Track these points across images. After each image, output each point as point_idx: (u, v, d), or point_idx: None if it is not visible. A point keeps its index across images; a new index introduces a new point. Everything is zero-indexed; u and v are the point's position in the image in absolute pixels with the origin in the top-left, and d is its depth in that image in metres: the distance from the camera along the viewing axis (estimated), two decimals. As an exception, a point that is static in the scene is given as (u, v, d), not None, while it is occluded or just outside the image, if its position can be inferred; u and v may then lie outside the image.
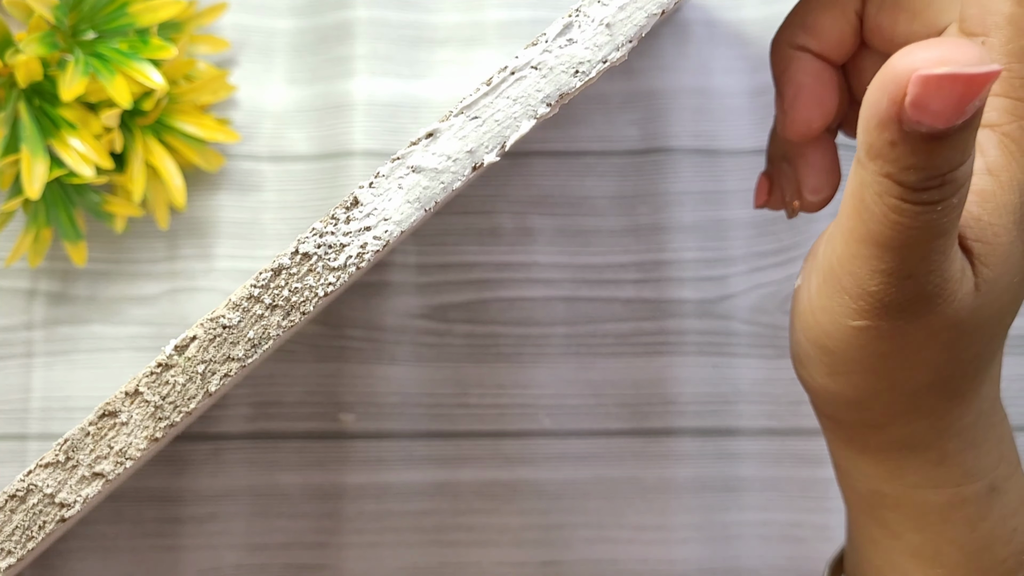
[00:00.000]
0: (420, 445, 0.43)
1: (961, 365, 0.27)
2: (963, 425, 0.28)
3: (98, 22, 0.38)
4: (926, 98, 0.22)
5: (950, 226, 0.24)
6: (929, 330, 0.26)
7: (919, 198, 0.24)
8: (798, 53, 0.31)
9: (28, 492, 0.26)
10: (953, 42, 0.22)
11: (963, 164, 0.23)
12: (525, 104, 0.27)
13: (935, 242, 0.24)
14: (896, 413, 0.28)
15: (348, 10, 0.43)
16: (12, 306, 0.42)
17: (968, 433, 0.28)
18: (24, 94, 0.38)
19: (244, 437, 0.42)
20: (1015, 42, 0.25)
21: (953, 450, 0.28)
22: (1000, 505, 0.29)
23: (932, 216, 0.24)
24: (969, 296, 0.26)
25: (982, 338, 0.27)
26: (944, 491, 0.29)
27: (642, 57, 0.44)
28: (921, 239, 0.24)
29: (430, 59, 0.44)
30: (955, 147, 0.23)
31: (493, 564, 0.42)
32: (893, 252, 0.25)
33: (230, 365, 0.26)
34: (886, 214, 0.24)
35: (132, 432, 0.26)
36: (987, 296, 0.26)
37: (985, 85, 0.22)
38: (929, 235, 0.24)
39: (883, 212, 0.24)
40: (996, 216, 0.26)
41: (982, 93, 0.22)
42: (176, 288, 0.42)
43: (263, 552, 0.42)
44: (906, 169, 0.23)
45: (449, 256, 0.43)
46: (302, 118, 0.43)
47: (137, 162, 0.39)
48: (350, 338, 0.43)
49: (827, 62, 0.32)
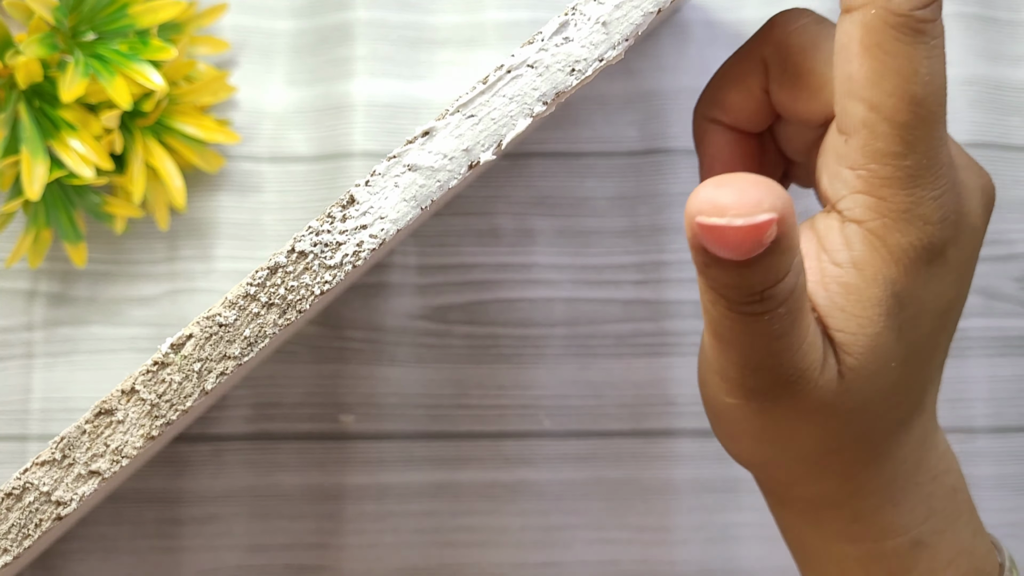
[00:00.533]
0: (420, 446, 0.43)
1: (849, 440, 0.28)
2: (876, 485, 0.29)
3: (98, 23, 0.39)
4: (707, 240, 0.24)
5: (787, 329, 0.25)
6: (796, 411, 0.27)
7: (743, 310, 0.25)
8: (712, 125, 0.32)
9: (24, 490, 0.26)
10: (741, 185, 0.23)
11: (780, 282, 0.25)
12: (521, 102, 0.27)
13: (775, 342, 0.26)
14: (798, 475, 0.29)
15: (348, 11, 0.43)
16: (12, 307, 0.42)
17: (885, 491, 0.29)
18: (24, 95, 0.38)
19: (244, 438, 0.42)
20: (871, 145, 0.27)
21: (868, 508, 0.29)
22: (927, 558, 0.29)
23: (761, 324, 0.25)
24: (832, 382, 0.27)
25: (866, 417, 0.28)
26: (862, 545, 0.30)
27: (642, 58, 0.44)
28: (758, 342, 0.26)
29: (430, 60, 0.44)
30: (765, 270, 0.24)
31: (493, 565, 0.42)
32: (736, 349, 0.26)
33: (226, 363, 0.26)
34: (720, 320, 0.26)
35: (128, 430, 0.26)
36: (854, 382, 0.27)
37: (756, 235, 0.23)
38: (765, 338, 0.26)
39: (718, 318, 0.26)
40: (859, 308, 0.27)
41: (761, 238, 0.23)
42: (176, 289, 0.42)
43: (263, 553, 0.42)
44: (724, 287, 0.25)
45: (449, 257, 0.43)
46: (302, 119, 0.43)
47: (137, 163, 0.39)
48: (350, 339, 0.43)
49: (744, 132, 0.32)
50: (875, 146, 0.27)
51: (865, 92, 0.27)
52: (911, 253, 0.27)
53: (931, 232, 0.27)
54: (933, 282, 0.28)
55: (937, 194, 0.27)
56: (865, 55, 0.26)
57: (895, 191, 0.27)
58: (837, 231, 0.28)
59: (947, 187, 0.27)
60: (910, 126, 0.26)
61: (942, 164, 0.27)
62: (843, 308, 0.27)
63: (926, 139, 0.26)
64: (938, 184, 0.27)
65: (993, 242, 0.44)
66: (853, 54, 0.27)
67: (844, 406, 0.27)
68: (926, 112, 0.26)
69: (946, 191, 0.27)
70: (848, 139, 0.27)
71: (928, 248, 0.27)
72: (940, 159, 0.27)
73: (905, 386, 0.28)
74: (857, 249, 0.27)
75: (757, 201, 0.23)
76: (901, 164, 0.26)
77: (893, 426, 0.29)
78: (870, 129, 0.27)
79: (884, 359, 0.27)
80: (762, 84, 0.31)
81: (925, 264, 0.27)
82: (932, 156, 0.27)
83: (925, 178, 0.27)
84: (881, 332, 0.27)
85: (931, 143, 0.27)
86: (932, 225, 0.27)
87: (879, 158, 0.27)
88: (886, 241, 0.27)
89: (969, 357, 0.43)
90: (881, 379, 0.28)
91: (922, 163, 0.27)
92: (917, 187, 0.27)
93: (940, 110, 0.27)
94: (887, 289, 0.27)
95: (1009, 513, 0.43)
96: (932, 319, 0.28)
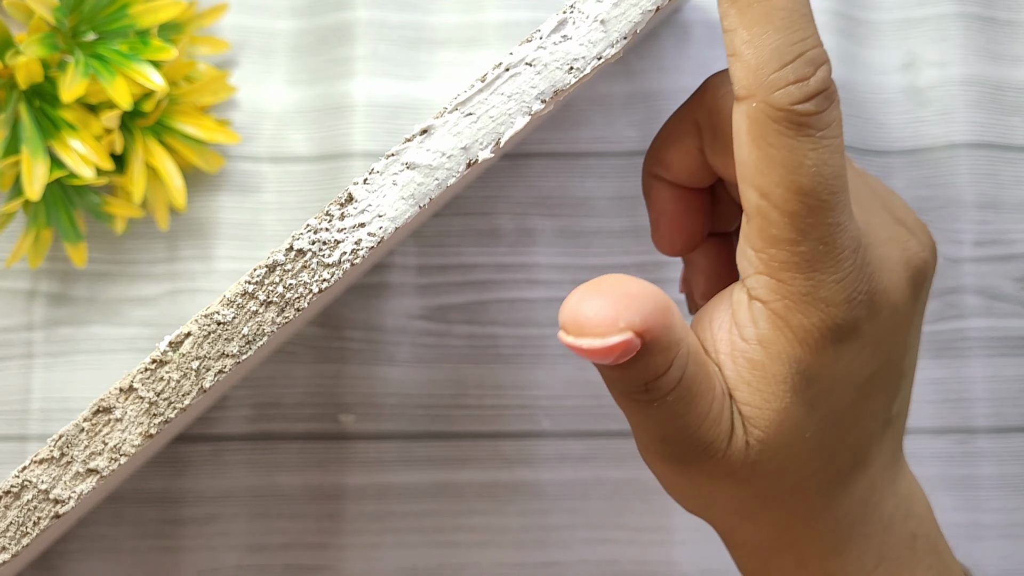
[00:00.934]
0: (420, 446, 0.43)
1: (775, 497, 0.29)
2: (818, 535, 0.29)
3: (98, 23, 0.39)
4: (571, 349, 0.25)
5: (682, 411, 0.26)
6: (709, 475, 0.28)
7: (631, 399, 0.26)
8: (657, 182, 0.32)
9: (23, 488, 0.26)
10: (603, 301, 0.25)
11: (663, 375, 0.26)
12: (520, 100, 0.27)
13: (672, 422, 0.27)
14: (732, 525, 0.30)
15: (348, 11, 0.43)
16: (12, 307, 0.42)
17: (828, 540, 0.29)
18: (24, 95, 0.38)
19: (244, 438, 0.42)
20: (765, 230, 0.27)
21: (812, 554, 0.29)
22: None
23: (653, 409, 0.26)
24: (741, 452, 0.27)
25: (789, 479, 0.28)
26: None
27: (642, 58, 0.44)
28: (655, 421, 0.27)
29: (430, 60, 0.44)
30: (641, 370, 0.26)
31: (493, 565, 0.42)
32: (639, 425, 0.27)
33: (225, 361, 0.26)
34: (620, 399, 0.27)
35: (127, 428, 0.26)
36: (763, 453, 0.27)
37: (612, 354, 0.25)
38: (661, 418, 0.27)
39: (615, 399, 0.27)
40: (765, 384, 0.27)
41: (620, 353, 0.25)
42: (176, 289, 0.42)
43: (263, 553, 0.42)
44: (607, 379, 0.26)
45: (449, 257, 0.43)
46: (302, 119, 0.43)
47: (137, 163, 0.39)
48: (350, 339, 0.43)
49: (688, 188, 0.32)
50: (770, 232, 0.26)
51: (755, 180, 0.26)
52: (815, 334, 0.27)
53: (835, 314, 0.27)
54: (845, 359, 0.27)
55: (839, 277, 0.27)
56: (752, 145, 0.26)
57: (793, 275, 0.26)
58: (745, 306, 0.28)
59: (851, 269, 0.27)
60: (800, 215, 0.26)
61: (843, 248, 0.26)
62: (749, 383, 0.27)
63: (819, 226, 0.26)
64: (839, 267, 0.26)
65: (993, 242, 0.44)
66: (742, 142, 0.27)
67: (758, 472, 0.28)
68: (815, 202, 0.26)
69: (850, 273, 0.27)
70: (748, 220, 0.27)
71: (834, 329, 0.27)
72: (839, 243, 0.26)
73: (830, 451, 0.28)
74: (762, 327, 0.27)
75: (612, 320, 0.24)
76: (796, 250, 0.26)
77: (826, 486, 0.29)
78: (763, 216, 0.27)
79: (794, 432, 0.27)
80: (699, 145, 0.31)
81: (833, 343, 0.27)
82: (829, 242, 0.26)
83: (824, 263, 0.26)
84: (788, 407, 0.27)
85: (826, 230, 0.26)
86: (836, 307, 0.27)
87: (775, 243, 0.26)
88: (789, 322, 0.27)
89: (970, 357, 0.43)
90: (795, 448, 0.28)
91: (818, 249, 0.26)
92: (816, 271, 0.26)
93: (833, 198, 0.26)
94: (792, 367, 0.27)
95: (1010, 513, 0.43)
96: (852, 391, 0.28)
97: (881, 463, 0.30)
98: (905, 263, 0.29)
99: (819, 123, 0.26)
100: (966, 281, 0.44)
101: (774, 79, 0.26)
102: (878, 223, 0.29)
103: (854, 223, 0.27)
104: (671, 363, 0.26)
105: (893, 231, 0.29)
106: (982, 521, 0.43)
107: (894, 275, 0.28)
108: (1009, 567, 0.43)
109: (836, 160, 0.26)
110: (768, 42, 0.26)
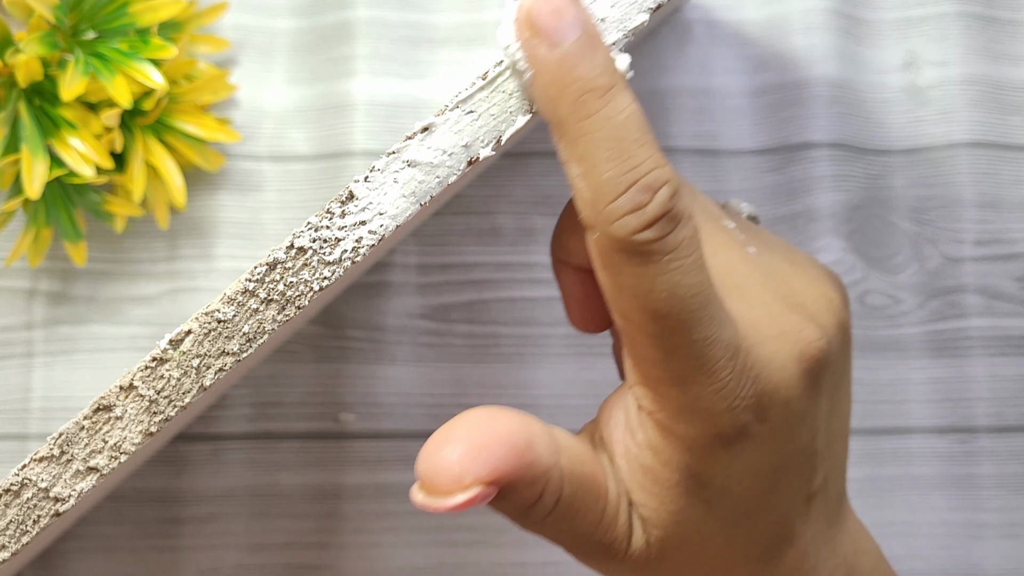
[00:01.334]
0: (420, 445, 0.42)
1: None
2: None
3: (98, 22, 0.39)
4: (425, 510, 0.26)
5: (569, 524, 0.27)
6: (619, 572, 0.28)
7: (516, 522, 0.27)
8: (563, 266, 0.32)
9: (23, 486, 0.26)
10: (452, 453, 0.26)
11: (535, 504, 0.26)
12: (521, 98, 0.27)
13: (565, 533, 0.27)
14: None
15: (348, 10, 0.43)
16: (12, 306, 0.42)
17: None
18: (24, 94, 0.38)
19: (244, 437, 0.42)
20: (633, 349, 0.27)
21: None
22: None
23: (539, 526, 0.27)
24: (642, 551, 0.28)
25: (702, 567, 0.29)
26: None
27: (642, 57, 0.44)
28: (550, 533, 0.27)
29: (431, 59, 0.44)
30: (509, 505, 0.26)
31: (493, 564, 0.42)
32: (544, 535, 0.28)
33: (225, 359, 0.26)
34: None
35: (127, 426, 0.26)
36: (664, 552, 0.28)
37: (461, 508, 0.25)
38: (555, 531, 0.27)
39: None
40: (657, 488, 0.27)
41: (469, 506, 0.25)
42: (176, 288, 0.42)
43: (263, 552, 0.42)
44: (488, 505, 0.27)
45: (450, 256, 0.43)
46: (302, 118, 0.43)
47: (137, 162, 0.39)
48: (350, 338, 0.43)
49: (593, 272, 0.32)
50: (637, 351, 0.26)
51: (614, 304, 0.26)
52: (701, 442, 0.26)
53: (719, 423, 0.26)
54: (739, 459, 0.27)
55: (717, 387, 0.26)
56: (603, 273, 0.26)
57: (669, 389, 0.26)
58: (635, 412, 0.28)
59: (730, 378, 0.26)
60: (662, 335, 0.26)
61: (716, 359, 0.26)
62: (643, 486, 0.27)
63: (685, 344, 0.25)
64: (716, 378, 0.26)
65: (993, 242, 0.44)
66: (596, 268, 0.26)
67: (666, 566, 0.28)
68: (675, 323, 0.25)
69: (728, 382, 0.26)
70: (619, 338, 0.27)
71: (720, 435, 0.26)
72: (711, 356, 0.26)
73: (743, 538, 0.28)
74: (650, 434, 0.27)
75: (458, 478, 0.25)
76: (667, 366, 0.26)
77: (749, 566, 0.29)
78: (628, 336, 0.26)
79: (694, 529, 0.28)
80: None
81: (723, 448, 0.27)
82: (699, 356, 0.26)
83: (697, 376, 0.26)
84: (683, 508, 0.27)
85: (693, 347, 0.25)
86: (718, 416, 0.26)
87: (645, 361, 0.26)
88: (674, 432, 0.27)
89: (970, 357, 0.43)
90: (699, 543, 0.28)
91: (689, 364, 0.26)
92: (692, 384, 0.26)
93: (693, 316, 0.25)
94: (683, 473, 0.27)
95: (1010, 512, 0.43)
96: (756, 483, 0.28)
97: (813, 531, 0.29)
98: (798, 356, 0.28)
99: (664, 247, 0.25)
100: (966, 280, 0.44)
101: (610, 211, 0.25)
102: (766, 320, 0.28)
103: (728, 330, 0.26)
104: (540, 494, 0.26)
105: (784, 324, 0.28)
106: (982, 521, 0.43)
107: (784, 372, 0.27)
108: (1009, 567, 0.43)
109: (691, 279, 0.25)
110: (599, 174, 0.25)
